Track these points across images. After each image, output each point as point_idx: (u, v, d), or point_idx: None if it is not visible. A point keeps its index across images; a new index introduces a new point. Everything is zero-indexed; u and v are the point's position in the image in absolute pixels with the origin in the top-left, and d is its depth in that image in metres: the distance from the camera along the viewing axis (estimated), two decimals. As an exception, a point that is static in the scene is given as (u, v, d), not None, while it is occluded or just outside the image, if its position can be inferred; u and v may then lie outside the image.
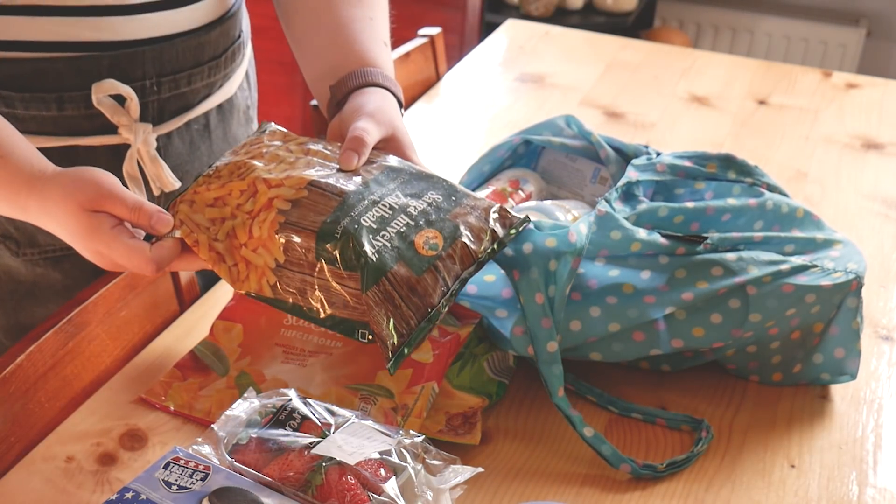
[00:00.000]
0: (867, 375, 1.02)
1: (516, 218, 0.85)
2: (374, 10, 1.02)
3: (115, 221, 0.80)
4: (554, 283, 0.88)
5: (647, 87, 1.66)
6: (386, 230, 0.78)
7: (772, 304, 0.92)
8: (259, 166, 0.83)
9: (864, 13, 3.05)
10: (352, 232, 0.76)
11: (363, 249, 0.75)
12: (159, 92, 0.99)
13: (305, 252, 0.76)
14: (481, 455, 0.88)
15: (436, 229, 0.80)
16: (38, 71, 0.92)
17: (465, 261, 0.81)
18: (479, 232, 0.82)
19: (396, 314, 0.76)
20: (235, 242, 0.80)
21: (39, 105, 0.93)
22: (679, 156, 1.04)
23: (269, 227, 0.78)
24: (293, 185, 0.80)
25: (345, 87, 0.95)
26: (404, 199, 0.81)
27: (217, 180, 0.83)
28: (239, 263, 0.80)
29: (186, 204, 0.83)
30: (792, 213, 1.01)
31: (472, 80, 1.67)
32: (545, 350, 0.88)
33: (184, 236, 0.81)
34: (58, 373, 0.90)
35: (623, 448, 0.91)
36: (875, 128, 1.57)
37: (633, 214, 0.96)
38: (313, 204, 0.78)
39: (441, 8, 2.70)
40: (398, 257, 0.77)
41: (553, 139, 1.13)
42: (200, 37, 1.00)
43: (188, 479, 0.76)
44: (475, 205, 0.84)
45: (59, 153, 0.95)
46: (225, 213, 0.81)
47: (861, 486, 0.88)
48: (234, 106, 1.11)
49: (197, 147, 1.07)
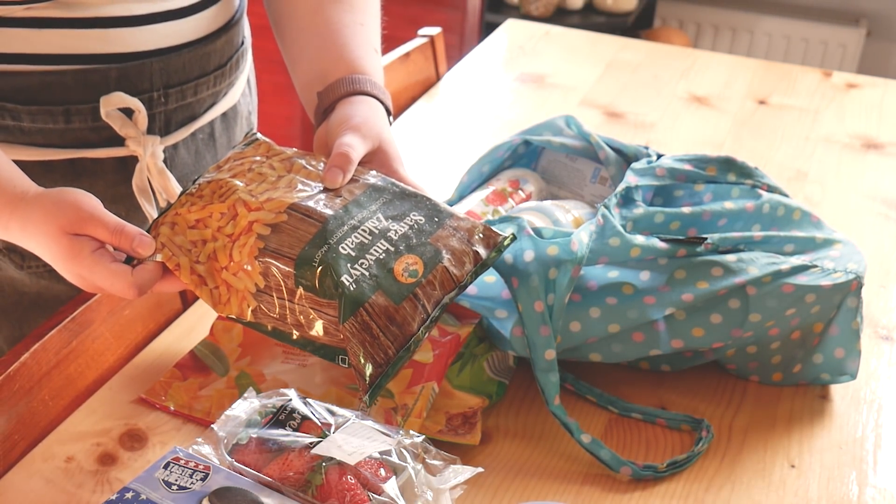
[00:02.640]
0: (867, 375, 1.02)
1: (500, 236, 0.83)
2: (365, 16, 1.00)
3: (96, 245, 0.79)
4: (553, 292, 0.88)
5: (647, 87, 1.66)
6: (365, 257, 0.76)
7: (772, 304, 0.92)
8: (240, 186, 0.81)
9: (864, 13, 3.05)
10: (330, 261, 0.75)
11: (340, 279, 0.74)
12: (166, 103, 0.99)
13: (284, 279, 0.76)
14: (481, 455, 0.89)
15: (416, 255, 0.78)
16: (45, 84, 0.92)
17: (447, 286, 0.79)
18: (461, 255, 0.80)
19: (374, 344, 0.75)
20: (216, 265, 0.79)
21: (46, 118, 0.93)
22: (679, 159, 1.04)
23: (249, 253, 0.77)
24: (273, 209, 0.79)
25: (332, 95, 0.93)
26: (385, 223, 0.79)
27: (199, 200, 0.82)
28: (220, 286, 0.79)
29: (168, 226, 0.82)
30: (789, 214, 1.01)
31: (472, 80, 1.67)
32: (543, 358, 0.88)
33: (165, 260, 0.80)
34: (61, 371, 0.90)
35: (623, 448, 0.91)
36: (875, 128, 1.57)
37: (630, 221, 0.96)
38: (293, 229, 0.77)
39: (441, 8, 2.70)
40: (377, 286, 0.76)
41: (553, 139, 1.13)
42: (206, 46, 1.00)
43: (188, 479, 0.76)
44: (458, 226, 0.82)
45: (66, 166, 0.96)
46: (206, 236, 0.80)
47: (861, 486, 0.88)
48: (238, 113, 1.11)
49: (202, 156, 1.07)
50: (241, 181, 0.82)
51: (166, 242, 0.81)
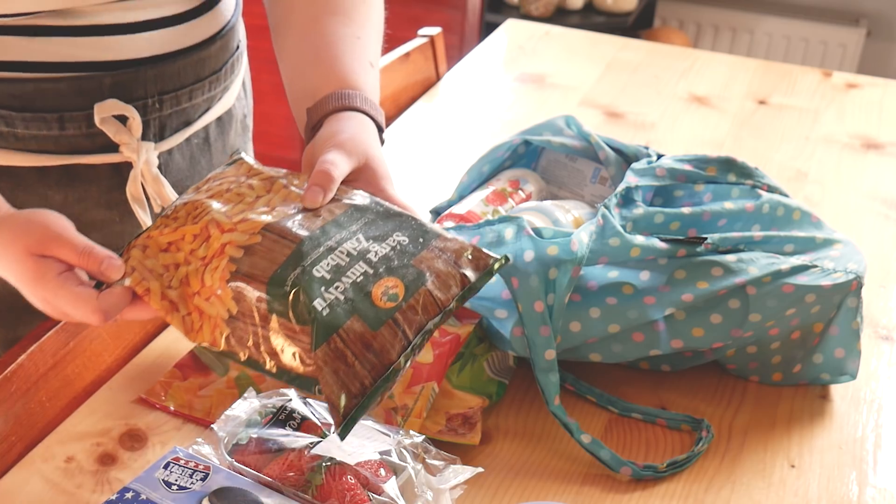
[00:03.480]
0: (867, 375, 1.02)
1: (491, 258, 0.78)
2: (363, 29, 0.96)
3: (62, 267, 0.75)
4: (553, 292, 0.88)
5: (647, 87, 1.66)
6: (341, 280, 0.71)
7: (772, 304, 0.92)
8: (215, 208, 0.77)
9: (864, 13, 3.05)
10: (302, 284, 0.70)
11: (313, 304, 0.69)
12: (161, 109, 0.98)
13: (257, 303, 0.71)
14: (481, 455, 0.88)
15: (397, 277, 0.73)
16: (40, 91, 0.91)
17: (430, 311, 0.73)
18: (446, 278, 0.75)
19: (349, 373, 0.69)
20: (188, 290, 0.75)
21: (40, 124, 0.92)
22: (679, 159, 1.04)
23: (221, 277, 0.73)
24: (246, 230, 0.74)
25: (321, 111, 0.89)
26: (365, 244, 0.75)
27: (173, 223, 0.78)
28: (192, 313, 0.75)
29: (139, 249, 0.78)
30: (789, 214, 1.01)
31: (472, 80, 1.67)
32: (543, 358, 0.88)
33: (134, 285, 0.75)
34: (59, 372, 0.90)
35: (623, 448, 0.91)
36: (875, 128, 1.57)
37: (630, 221, 0.96)
38: (266, 251, 0.73)
39: (441, 8, 2.70)
40: (352, 311, 0.71)
41: (553, 139, 1.13)
42: (201, 52, 0.99)
43: (188, 479, 0.76)
44: (445, 247, 0.77)
45: (60, 171, 0.95)
46: (178, 259, 0.76)
47: (861, 486, 0.88)
48: (233, 117, 1.11)
49: (197, 161, 1.06)
50: (218, 202, 0.78)
51: (137, 266, 0.76)
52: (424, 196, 1.27)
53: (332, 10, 0.95)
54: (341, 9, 0.95)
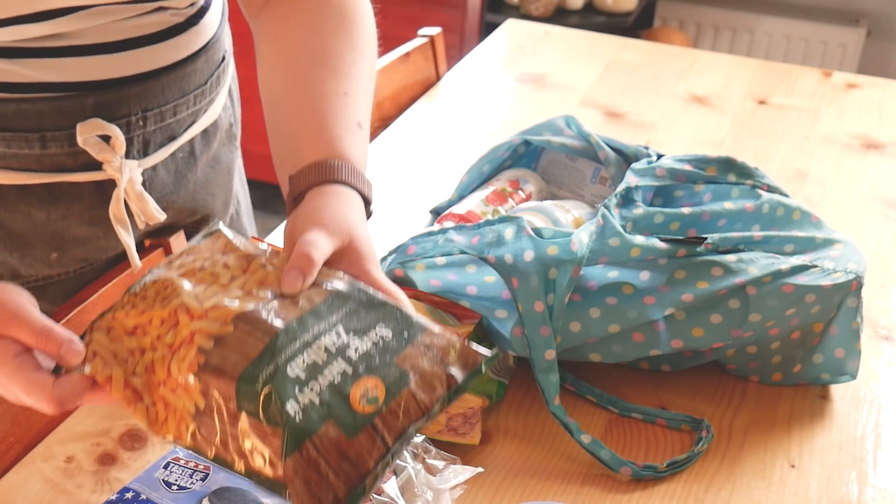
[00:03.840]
0: (867, 375, 1.02)
1: (480, 356, 0.72)
2: (351, 82, 0.88)
3: (19, 349, 0.69)
4: (553, 292, 0.88)
5: (647, 87, 1.66)
6: (316, 380, 0.66)
7: (772, 304, 0.92)
8: (186, 290, 0.71)
9: (864, 13, 3.05)
10: (274, 383, 0.65)
11: (285, 408, 0.64)
12: (145, 126, 0.94)
13: (225, 401, 0.66)
14: (481, 455, 0.89)
15: (378, 377, 0.68)
16: (20, 111, 0.88)
17: (412, 414, 0.68)
18: (431, 378, 0.69)
19: (321, 484, 0.64)
20: (154, 379, 0.69)
21: (22, 144, 0.89)
22: (679, 159, 1.04)
23: (189, 368, 0.67)
24: (217, 319, 0.69)
25: (304, 182, 0.81)
26: (345, 338, 0.69)
27: (141, 302, 0.72)
28: (157, 403, 0.69)
29: (103, 332, 0.72)
30: (789, 214, 1.01)
31: (472, 80, 1.67)
32: (543, 358, 0.88)
33: (94, 373, 0.70)
34: (58, 373, 0.90)
35: (623, 448, 0.91)
36: (875, 128, 1.57)
37: (630, 221, 0.96)
38: (238, 343, 0.67)
39: (441, 8, 2.70)
40: (328, 415, 0.65)
41: (553, 139, 1.14)
42: (186, 67, 0.96)
43: (188, 479, 0.76)
44: (431, 342, 0.71)
45: (43, 189, 0.92)
46: (144, 344, 0.70)
47: (861, 486, 0.88)
48: (218, 127, 1.07)
49: (183, 175, 1.02)
50: (189, 282, 0.73)
51: (99, 350, 0.71)
52: (424, 196, 1.27)
53: (319, 60, 0.88)
54: (328, 59, 0.88)
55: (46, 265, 0.96)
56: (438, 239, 0.96)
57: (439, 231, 0.96)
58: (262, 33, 0.93)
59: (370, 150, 1.41)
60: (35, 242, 0.95)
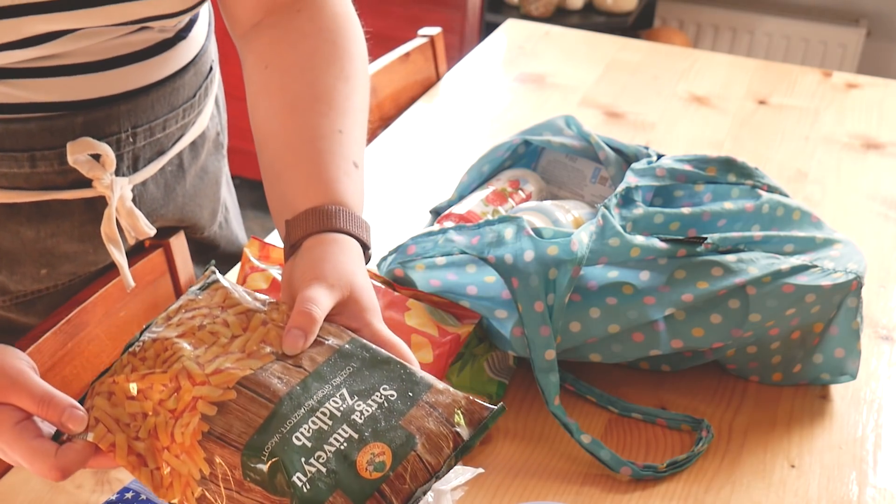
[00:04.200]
0: (867, 375, 1.02)
1: (487, 411, 0.71)
2: (345, 120, 0.85)
3: (20, 416, 0.69)
4: (553, 292, 0.88)
5: (647, 87, 1.66)
6: (322, 449, 0.66)
7: (772, 304, 0.92)
8: (186, 351, 0.71)
9: (864, 13, 3.05)
10: (281, 455, 0.65)
11: (292, 480, 0.64)
12: (134, 142, 0.93)
13: (231, 469, 0.66)
14: (481, 455, 0.88)
15: (384, 442, 0.67)
16: (9, 132, 0.87)
17: (419, 477, 0.68)
18: (437, 439, 0.69)
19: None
20: (157, 444, 0.69)
21: (11, 163, 0.88)
22: (679, 159, 1.04)
23: (192, 435, 0.67)
24: (220, 384, 0.68)
25: (301, 230, 0.79)
26: (350, 402, 0.69)
27: (141, 364, 0.72)
28: (162, 468, 0.69)
29: (104, 397, 0.72)
30: (789, 215, 1.01)
31: (472, 80, 1.67)
32: (542, 358, 0.88)
33: (98, 440, 0.69)
34: (57, 373, 0.90)
35: (623, 448, 0.91)
36: (875, 128, 1.57)
37: (630, 222, 0.96)
38: (241, 410, 0.67)
39: (441, 8, 2.70)
40: (335, 485, 0.65)
41: (553, 139, 1.13)
42: (175, 82, 0.95)
43: (188, 480, 0.75)
44: (436, 401, 0.71)
45: (32, 208, 0.92)
46: (146, 408, 0.70)
47: (861, 486, 0.88)
48: (206, 138, 1.06)
49: (171, 189, 1.01)
50: (189, 342, 0.73)
51: (101, 417, 0.71)
52: (424, 196, 1.27)
53: (313, 94, 0.85)
54: (321, 93, 0.86)
55: (36, 281, 0.95)
56: (438, 239, 0.96)
57: (439, 231, 0.96)
58: (252, 60, 0.90)
59: (370, 151, 1.41)
60: (24, 259, 0.94)
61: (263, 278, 0.96)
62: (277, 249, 0.99)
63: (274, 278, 0.96)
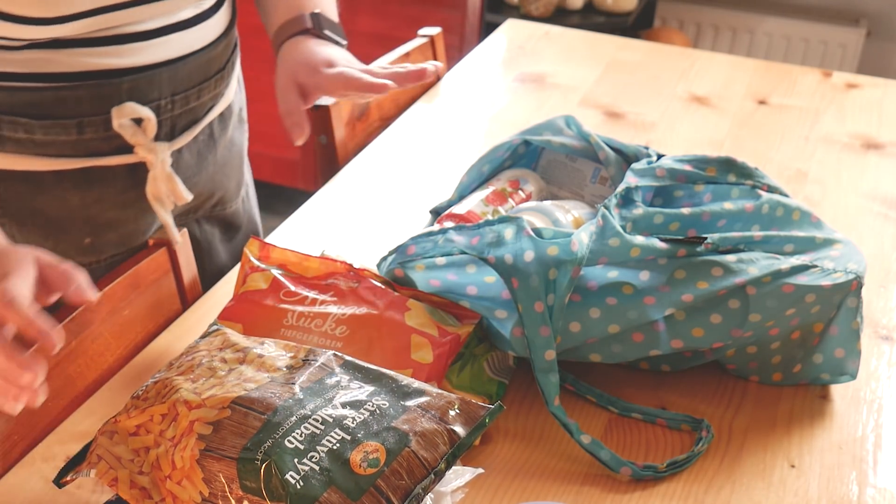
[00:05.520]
0: (867, 375, 1.02)
1: (483, 410, 0.73)
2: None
3: None
4: (553, 292, 0.88)
5: (647, 88, 1.66)
6: (315, 450, 0.67)
7: (772, 305, 0.92)
8: (183, 386, 0.74)
9: (864, 13, 3.05)
10: (273, 457, 0.67)
11: (285, 477, 0.65)
12: (172, 109, 1.01)
13: (228, 483, 0.67)
14: (481, 455, 0.89)
15: (377, 441, 0.68)
16: (59, 99, 0.93)
17: (417, 473, 0.68)
18: (432, 436, 0.70)
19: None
20: (160, 475, 0.71)
21: (59, 130, 0.95)
22: (679, 159, 1.04)
23: (191, 456, 0.69)
24: (215, 405, 0.71)
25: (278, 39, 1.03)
26: (342, 410, 0.70)
27: (143, 404, 0.75)
28: (166, 498, 0.71)
29: (107, 436, 0.75)
30: (789, 215, 1.01)
31: (472, 80, 1.67)
32: (542, 358, 0.88)
33: (100, 476, 0.73)
34: (61, 371, 0.90)
35: (623, 448, 0.91)
36: (875, 128, 1.57)
37: (630, 222, 0.96)
38: (236, 426, 0.69)
39: (441, 8, 2.70)
40: (328, 482, 0.66)
41: (553, 139, 1.13)
42: (210, 52, 1.03)
43: (188, 480, 0.76)
44: (429, 404, 0.72)
45: (78, 174, 0.98)
46: (148, 442, 0.73)
47: (861, 486, 0.88)
48: (231, 111, 1.14)
49: (204, 157, 1.09)
50: (187, 378, 0.75)
51: (103, 455, 0.73)
52: (424, 196, 1.27)
53: None
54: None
55: (80, 251, 1.01)
56: (438, 239, 0.96)
57: (439, 231, 0.96)
58: None
59: (370, 151, 1.41)
60: (70, 227, 1.00)
61: (263, 278, 0.96)
62: (277, 249, 0.99)
63: (274, 278, 0.96)
